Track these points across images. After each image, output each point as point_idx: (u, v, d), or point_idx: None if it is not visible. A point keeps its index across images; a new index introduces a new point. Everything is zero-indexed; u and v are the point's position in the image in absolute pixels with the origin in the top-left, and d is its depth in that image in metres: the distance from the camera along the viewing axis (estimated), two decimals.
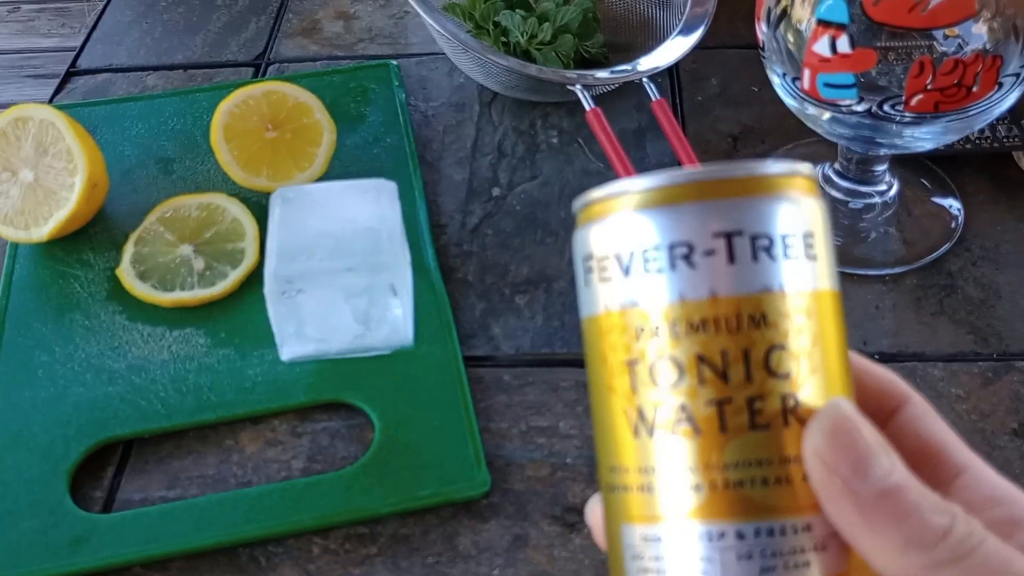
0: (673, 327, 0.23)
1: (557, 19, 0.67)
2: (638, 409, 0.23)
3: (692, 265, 0.22)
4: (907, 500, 0.22)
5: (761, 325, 0.22)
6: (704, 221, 0.22)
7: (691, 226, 0.22)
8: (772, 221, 0.23)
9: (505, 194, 0.62)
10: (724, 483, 0.22)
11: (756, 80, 0.68)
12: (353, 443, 0.50)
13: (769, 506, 0.22)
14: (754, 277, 0.22)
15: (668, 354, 0.23)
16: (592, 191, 0.24)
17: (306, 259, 0.50)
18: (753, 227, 0.22)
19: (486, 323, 0.55)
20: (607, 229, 0.24)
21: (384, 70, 0.70)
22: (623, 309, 0.23)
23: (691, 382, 0.23)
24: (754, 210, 0.22)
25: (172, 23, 0.79)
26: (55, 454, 0.49)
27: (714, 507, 0.22)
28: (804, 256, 0.23)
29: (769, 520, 0.22)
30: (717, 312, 0.22)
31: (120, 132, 0.66)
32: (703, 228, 0.22)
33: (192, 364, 0.53)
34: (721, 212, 0.22)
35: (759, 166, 0.23)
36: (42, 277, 0.58)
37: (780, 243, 0.22)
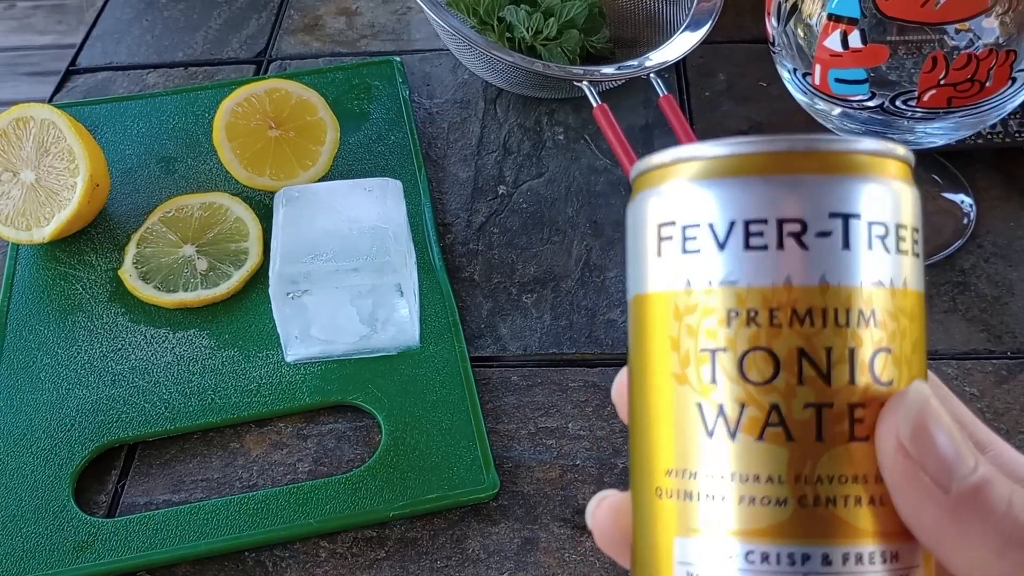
0: (774, 314, 0.20)
1: (563, 14, 0.66)
2: (718, 406, 0.20)
3: (804, 245, 0.20)
4: (1000, 495, 0.19)
5: (871, 323, 0.20)
6: (822, 198, 0.20)
7: (807, 201, 0.20)
8: (892, 209, 0.20)
9: (511, 192, 0.62)
10: (815, 499, 0.20)
11: (764, 75, 0.67)
12: (359, 445, 0.49)
13: (862, 529, 0.20)
14: (869, 267, 0.20)
15: (765, 344, 0.20)
16: (681, 147, 0.21)
17: (311, 259, 0.49)
18: (873, 213, 0.20)
19: (493, 323, 0.54)
20: (700, 193, 0.20)
21: (387, 67, 0.69)
22: (712, 287, 0.20)
23: (789, 380, 0.20)
24: (875, 194, 0.20)
25: (172, 20, 0.78)
26: (58, 458, 0.49)
27: (800, 526, 0.20)
28: (912, 252, 0.21)
29: (859, 545, 0.20)
30: (827, 302, 0.20)
31: (121, 131, 0.66)
32: (820, 205, 0.20)
33: (196, 366, 0.52)
34: (841, 191, 0.20)
35: (884, 146, 0.21)
36: (44, 279, 0.57)
37: (895, 234, 0.20)
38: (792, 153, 0.20)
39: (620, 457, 0.48)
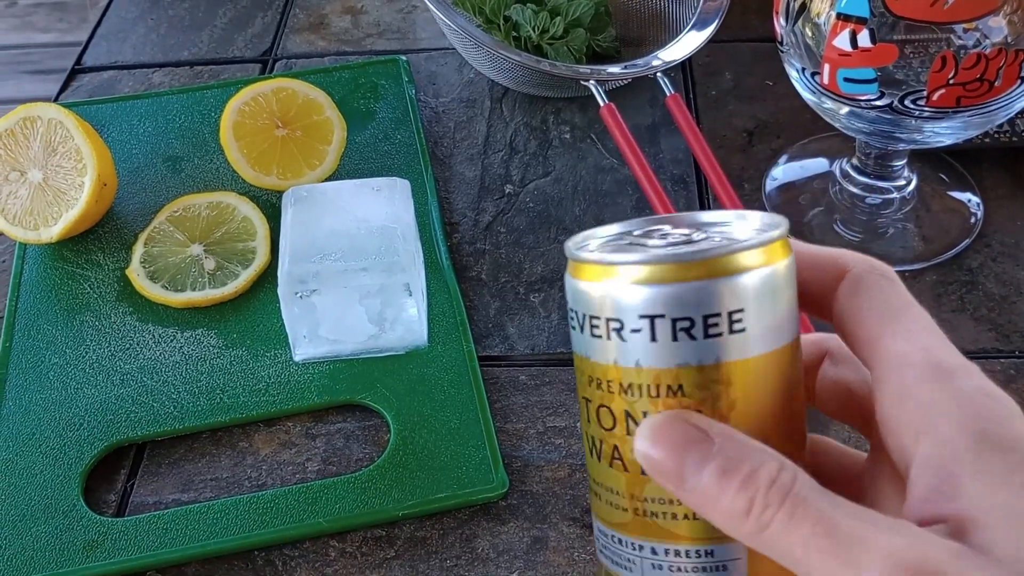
0: (608, 383, 0.26)
1: (569, 13, 0.66)
2: (590, 437, 0.27)
3: (622, 339, 0.25)
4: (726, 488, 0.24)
5: (679, 394, 0.25)
6: (632, 304, 0.25)
7: (622, 306, 0.25)
8: (698, 305, 0.25)
9: (518, 191, 0.62)
10: (644, 512, 0.26)
11: (770, 74, 0.67)
12: (368, 445, 0.49)
13: (675, 534, 0.26)
14: (672, 354, 0.25)
15: (606, 404, 0.26)
16: (570, 245, 0.27)
17: (320, 259, 0.49)
18: (675, 312, 0.25)
19: (501, 322, 0.54)
20: (570, 286, 0.27)
21: (393, 66, 0.69)
22: (578, 355, 0.27)
23: (622, 430, 0.26)
24: (679, 297, 0.25)
25: (177, 19, 0.78)
26: (67, 457, 0.49)
27: (635, 527, 0.27)
28: (729, 332, 0.25)
29: (678, 544, 0.26)
30: (641, 380, 0.25)
31: (128, 130, 0.66)
32: (631, 310, 0.25)
33: (204, 365, 0.52)
34: (647, 297, 0.25)
35: (697, 252, 0.25)
36: (51, 278, 0.57)
37: (702, 324, 0.25)
38: (616, 266, 0.25)
39: None
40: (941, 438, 0.25)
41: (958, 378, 0.25)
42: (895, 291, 0.28)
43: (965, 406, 0.25)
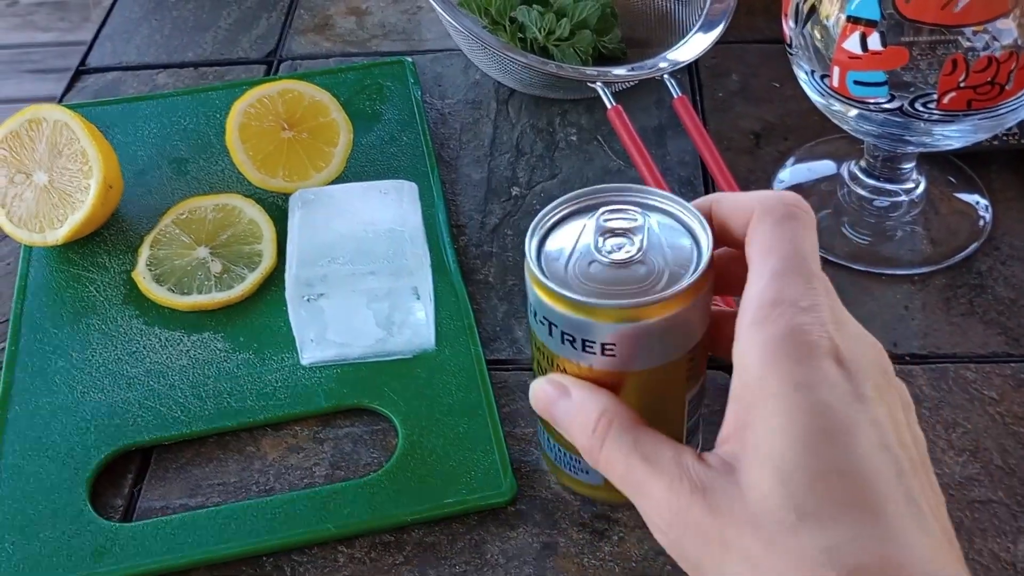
0: (537, 348, 0.40)
1: (575, 15, 0.66)
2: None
3: (540, 324, 0.39)
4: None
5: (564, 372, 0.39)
6: (543, 309, 0.38)
7: (540, 305, 0.38)
8: (577, 329, 0.37)
9: (524, 193, 0.61)
10: None
11: (777, 75, 0.67)
12: (376, 449, 0.49)
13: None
14: (560, 349, 0.38)
15: (537, 359, 0.41)
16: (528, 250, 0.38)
17: (327, 263, 0.49)
18: (564, 327, 0.37)
19: (509, 325, 0.54)
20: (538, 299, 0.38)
21: (399, 67, 0.69)
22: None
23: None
24: (568, 320, 0.37)
25: (182, 20, 0.78)
26: (74, 462, 0.48)
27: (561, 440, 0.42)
28: (600, 353, 0.37)
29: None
30: (544, 354, 0.40)
31: (133, 132, 0.65)
32: (543, 311, 0.38)
33: (211, 369, 0.52)
34: (551, 310, 0.37)
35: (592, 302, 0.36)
36: (57, 281, 0.57)
37: (580, 342, 0.37)
38: (542, 283, 0.37)
39: None
40: (742, 382, 0.32)
41: (769, 323, 0.31)
42: (774, 231, 0.34)
43: (768, 354, 0.31)
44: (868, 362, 0.32)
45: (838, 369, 0.31)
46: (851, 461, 0.30)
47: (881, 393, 0.32)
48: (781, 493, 0.29)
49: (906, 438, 0.32)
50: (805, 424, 0.30)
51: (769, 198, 0.35)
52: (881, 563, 0.28)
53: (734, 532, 0.30)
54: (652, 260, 0.38)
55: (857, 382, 0.31)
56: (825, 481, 0.29)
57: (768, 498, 0.30)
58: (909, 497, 0.30)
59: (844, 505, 0.29)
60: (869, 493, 0.29)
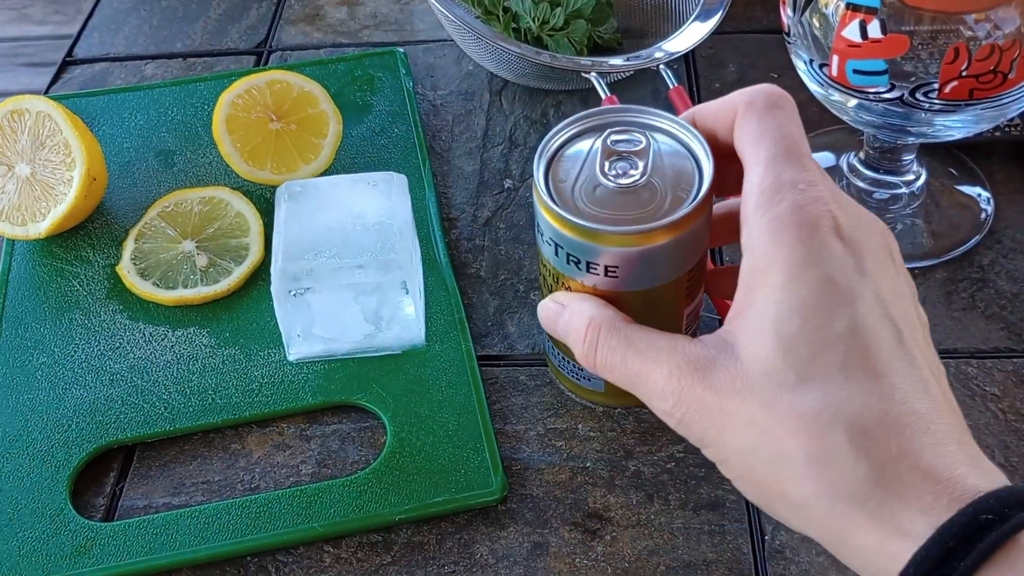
0: (542, 264, 0.43)
1: (569, 4, 0.65)
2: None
3: (547, 244, 0.41)
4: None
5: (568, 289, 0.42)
6: (550, 231, 0.40)
7: (548, 228, 0.41)
8: (581, 251, 0.40)
9: (518, 186, 0.60)
10: None
11: (775, 66, 0.66)
12: (364, 447, 0.48)
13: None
14: (564, 268, 0.41)
15: (543, 275, 0.44)
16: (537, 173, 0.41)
17: (314, 256, 0.48)
18: (569, 249, 0.40)
19: (500, 320, 0.53)
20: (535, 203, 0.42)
21: (391, 58, 0.68)
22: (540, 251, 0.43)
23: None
24: (572, 243, 0.40)
25: (170, 10, 0.76)
26: (55, 460, 0.47)
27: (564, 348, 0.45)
28: (603, 274, 0.40)
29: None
30: (549, 270, 0.42)
31: (119, 124, 0.64)
32: (549, 232, 0.41)
33: (196, 365, 0.51)
34: (558, 233, 0.40)
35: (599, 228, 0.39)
36: (40, 275, 0.56)
37: (584, 263, 0.40)
38: (550, 209, 0.40)
39: (632, 459, 0.47)
40: (750, 266, 0.33)
41: (772, 206, 0.32)
42: (761, 121, 0.35)
43: (772, 233, 0.32)
44: (871, 241, 0.33)
45: (840, 244, 0.32)
46: (852, 327, 0.30)
47: (883, 269, 0.33)
48: (782, 357, 0.30)
49: (910, 314, 0.33)
50: (806, 295, 0.31)
51: (748, 92, 0.36)
52: (882, 419, 0.29)
53: (735, 401, 0.31)
54: (655, 183, 0.40)
55: (860, 257, 0.32)
56: (826, 345, 0.30)
57: (768, 362, 0.31)
58: (911, 362, 0.31)
59: (845, 366, 0.30)
60: (870, 356, 0.30)
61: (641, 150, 0.41)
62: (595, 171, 0.41)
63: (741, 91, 0.37)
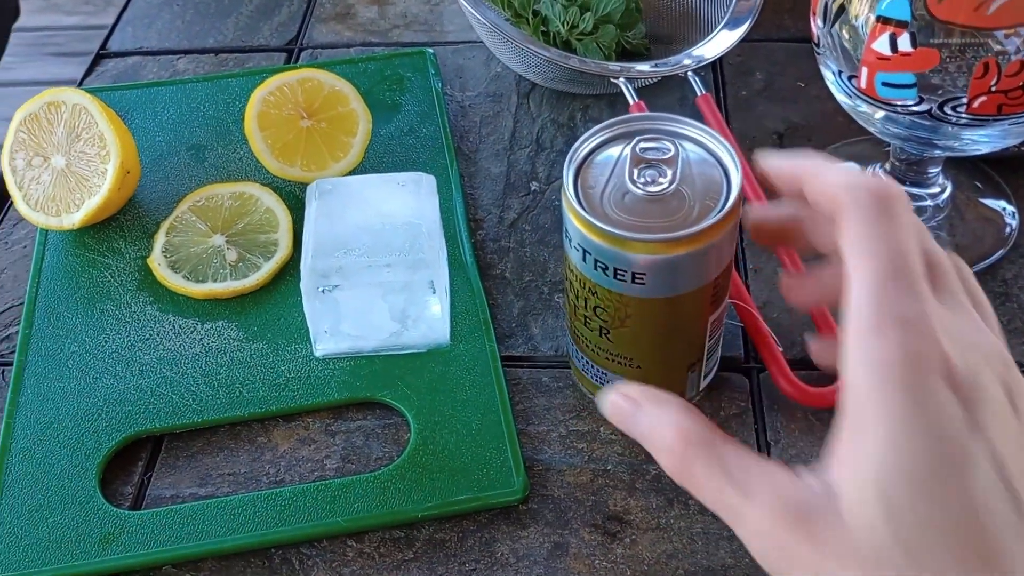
0: (569, 269, 0.44)
1: (599, 8, 0.65)
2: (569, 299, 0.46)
3: (575, 250, 0.42)
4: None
5: (594, 295, 0.43)
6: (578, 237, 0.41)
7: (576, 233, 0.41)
8: (610, 259, 0.41)
9: (544, 188, 0.61)
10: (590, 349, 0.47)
11: (803, 75, 0.66)
12: (388, 443, 0.49)
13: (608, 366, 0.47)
14: (592, 274, 0.42)
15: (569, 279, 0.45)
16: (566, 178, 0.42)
17: (343, 254, 0.48)
18: (597, 255, 0.41)
19: (524, 322, 0.54)
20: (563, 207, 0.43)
21: (420, 58, 0.68)
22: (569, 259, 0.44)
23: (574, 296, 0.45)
24: (601, 249, 0.41)
25: (203, 5, 0.77)
26: (85, 448, 0.48)
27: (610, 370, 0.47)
28: (630, 281, 0.41)
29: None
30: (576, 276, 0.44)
31: (151, 117, 0.65)
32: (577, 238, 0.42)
33: (224, 358, 0.52)
34: (586, 239, 0.41)
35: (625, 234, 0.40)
36: (72, 265, 0.56)
37: (612, 269, 0.41)
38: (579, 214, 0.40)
39: (652, 463, 0.47)
40: (852, 401, 0.30)
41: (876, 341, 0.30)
42: (869, 230, 0.32)
43: (876, 376, 0.29)
44: (987, 381, 0.30)
45: (951, 393, 0.29)
46: (965, 502, 0.28)
47: (998, 418, 0.29)
48: (890, 531, 0.28)
49: None
50: (915, 459, 0.28)
51: (856, 188, 0.33)
52: None
53: (836, 565, 0.29)
54: (684, 192, 0.41)
55: (974, 407, 0.29)
56: (937, 523, 0.28)
57: (875, 534, 0.28)
58: None
59: (956, 551, 0.28)
60: (984, 540, 0.28)
61: (670, 158, 0.42)
62: (624, 178, 0.42)
63: (846, 178, 0.33)
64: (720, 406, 0.49)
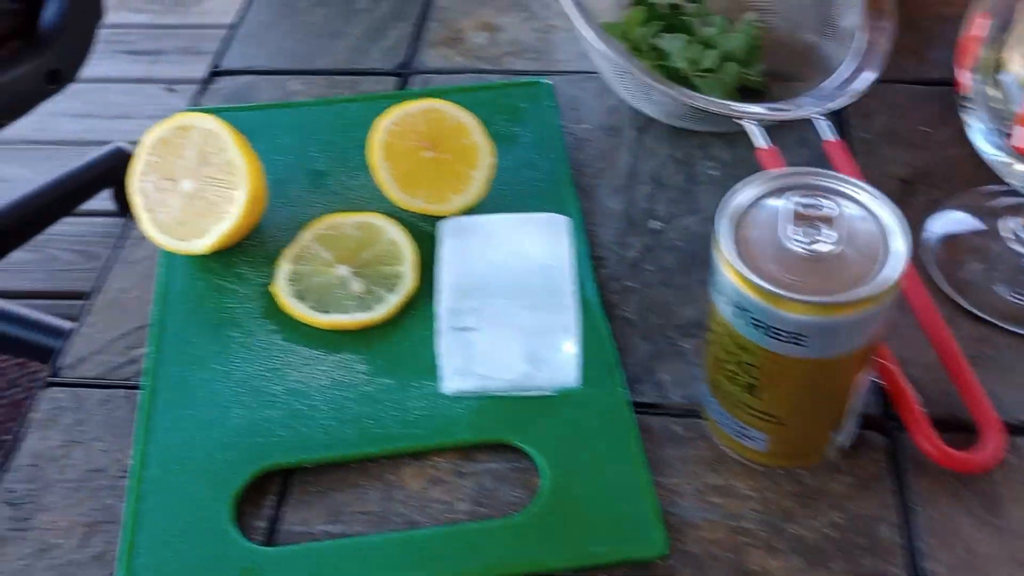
0: (716, 320, 0.45)
1: (722, 46, 0.64)
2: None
3: (726, 305, 0.43)
4: None
5: (744, 350, 0.43)
6: (733, 293, 0.41)
7: (730, 288, 0.42)
8: (768, 317, 0.41)
9: (664, 228, 0.60)
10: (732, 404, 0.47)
11: (927, 120, 0.65)
12: (518, 488, 0.48)
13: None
14: (746, 331, 0.42)
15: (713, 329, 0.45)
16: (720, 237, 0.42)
17: (482, 295, 0.48)
18: (755, 313, 0.41)
19: (652, 367, 0.53)
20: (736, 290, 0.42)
21: (536, 88, 0.68)
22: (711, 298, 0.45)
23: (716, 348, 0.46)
24: (762, 308, 0.41)
25: (313, 26, 0.77)
26: (219, 479, 0.48)
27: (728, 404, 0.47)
28: (788, 341, 0.41)
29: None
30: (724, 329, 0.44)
31: (270, 140, 0.65)
32: (732, 293, 0.42)
33: (352, 392, 0.52)
34: (743, 298, 0.41)
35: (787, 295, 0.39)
36: (197, 289, 0.57)
37: (766, 328, 0.41)
38: (734, 270, 0.41)
39: (792, 522, 0.46)
40: None
41: None
42: None
43: None
44: None
45: None
46: None
47: None
48: None
49: None
50: None
51: None
52: None
53: None
54: (847, 253, 0.40)
55: None
56: None
57: None
58: None
59: None
60: None
61: (830, 216, 0.41)
62: (782, 234, 0.41)
63: None
64: (859, 465, 0.48)
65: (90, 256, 1.62)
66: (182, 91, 1.97)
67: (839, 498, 0.47)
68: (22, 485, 0.50)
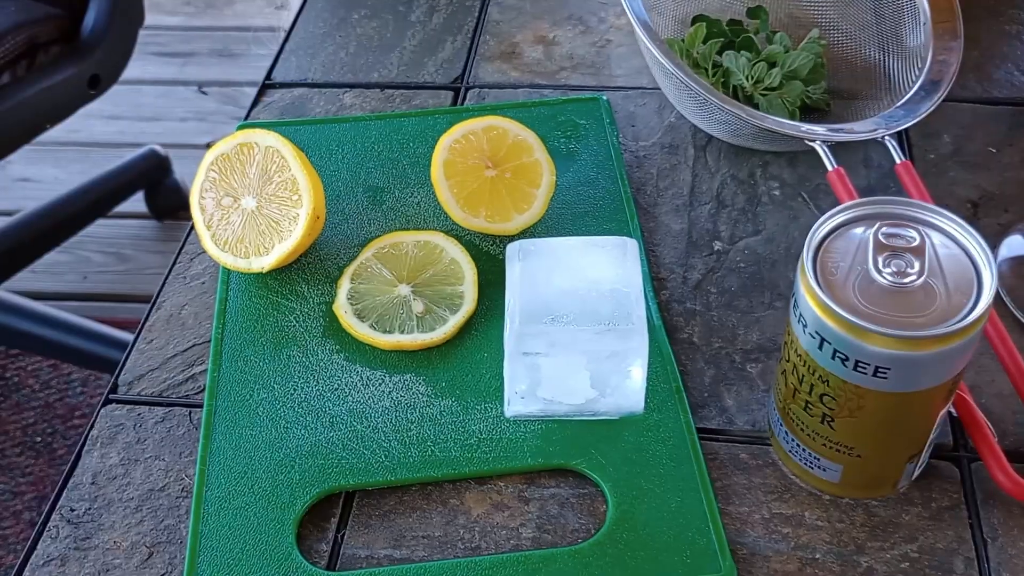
0: (796, 353, 0.44)
1: (787, 64, 0.64)
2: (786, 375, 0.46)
3: (807, 335, 0.42)
4: None
5: (826, 383, 0.42)
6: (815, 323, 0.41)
7: (812, 319, 0.41)
8: (852, 350, 0.40)
9: (727, 249, 0.59)
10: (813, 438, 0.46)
11: (993, 140, 0.64)
12: (584, 514, 0.48)
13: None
14: (827, 363, 0.41)
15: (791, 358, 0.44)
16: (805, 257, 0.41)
17: (551, 321, 0.47)
18: (837, 346, 0.40)
19: (717, 392, 0.52)
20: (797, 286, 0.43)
21: (594, 104, 0.67)
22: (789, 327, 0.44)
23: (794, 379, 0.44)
24: (843, 340, 0.40)
25: (366, 38, 0.77)
26: (280, 501, 0.48)
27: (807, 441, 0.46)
28: (871, 375, 0.40)
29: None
30: (804, 360, 0.43)
31: (326, 155, 0.65)
32: (814, 325, 0.41)
33: (414, 414, 0.51)
34: (824, 327, 0.40)
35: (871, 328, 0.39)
36: (257, 307, 0.56)
37: (852, 361, 0.40)
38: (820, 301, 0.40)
39: (863, 554, 0.45)
40: None
41: None
42: None
43: None
44: None
45: None
46: None
47: None
48: None
49: None
50: None
51: None
52: None
53: None
54: (933, 285, 0.39)
55: None
56: None
57: None
58: None
59: None
60: None
61: (917, 247, 0.40)
62: (867, 266, 0.40)
63: None
64: (931, 496, 0.47)
65: (122, 258, 1.63)
66: (214, 94, 1.98)
67: (912, 530, 0.46)
68: (82, 503, 0.50)
